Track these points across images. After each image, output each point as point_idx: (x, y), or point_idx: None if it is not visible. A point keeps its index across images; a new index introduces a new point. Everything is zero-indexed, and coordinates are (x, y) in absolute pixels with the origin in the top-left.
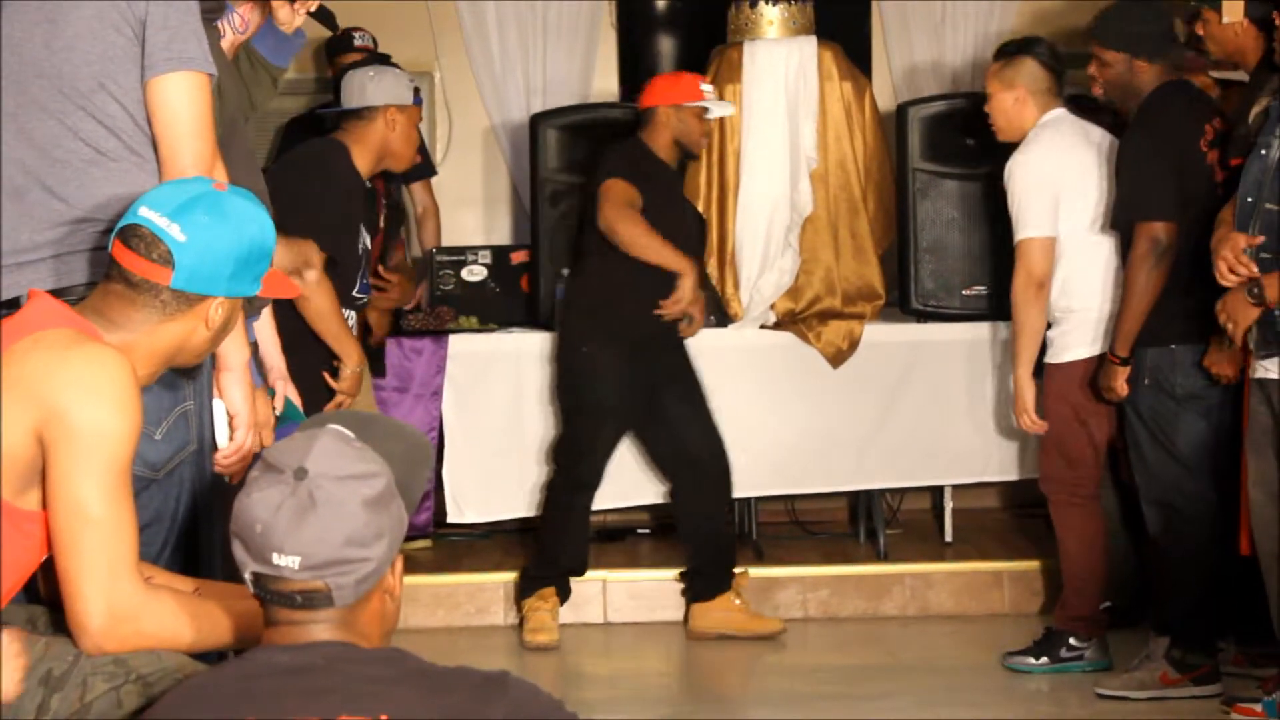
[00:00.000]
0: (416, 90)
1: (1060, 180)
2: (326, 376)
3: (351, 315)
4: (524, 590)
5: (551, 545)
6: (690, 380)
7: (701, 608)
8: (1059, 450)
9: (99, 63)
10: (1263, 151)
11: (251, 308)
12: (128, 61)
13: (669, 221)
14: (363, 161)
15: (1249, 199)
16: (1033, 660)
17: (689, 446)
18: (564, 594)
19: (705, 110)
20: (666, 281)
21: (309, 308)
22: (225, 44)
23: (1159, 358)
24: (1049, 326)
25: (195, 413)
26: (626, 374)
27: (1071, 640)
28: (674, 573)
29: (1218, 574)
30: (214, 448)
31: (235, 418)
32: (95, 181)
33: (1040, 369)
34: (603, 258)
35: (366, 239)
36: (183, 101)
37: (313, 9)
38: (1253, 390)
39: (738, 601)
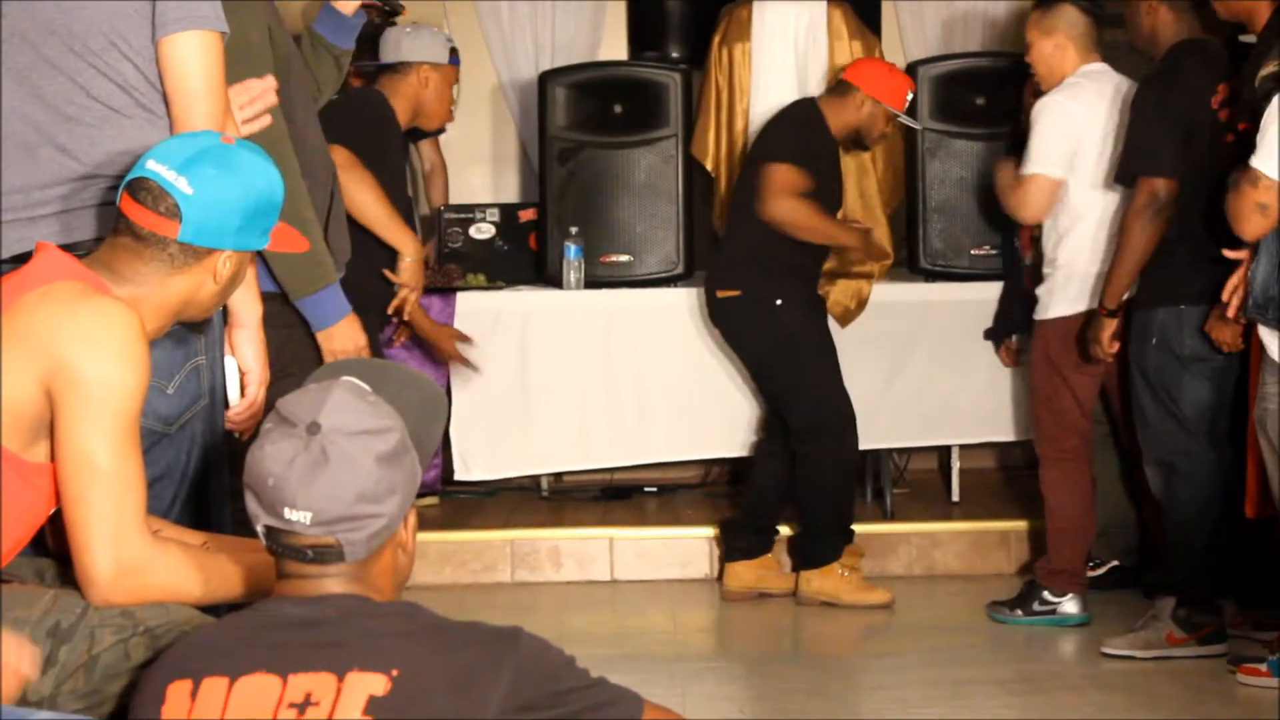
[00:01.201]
0: (454, 51)
1: (1084, 131)
2: (387, 272)
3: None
4: (825, 557)
5: (847, 507)
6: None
7: (736, 568)
8: (1046, 406)
9: (110, 20)
10: None
11: (339, 268)
12: (139, 19)
13: (826, 194)
14: (397, 115)
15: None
16: (1007, 611)
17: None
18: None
19: (896, 115)
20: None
21: (352, 203)
22: None
23: (1168, 317)
24: (1039, 283)
25: (207, 367)
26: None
27: (1045, 594)
28: (679, 531)
29: (1220, 534)
30: (226, 403)
31: (247, 374)
32: (108, 139)
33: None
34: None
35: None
36: (195, 60)
37: None
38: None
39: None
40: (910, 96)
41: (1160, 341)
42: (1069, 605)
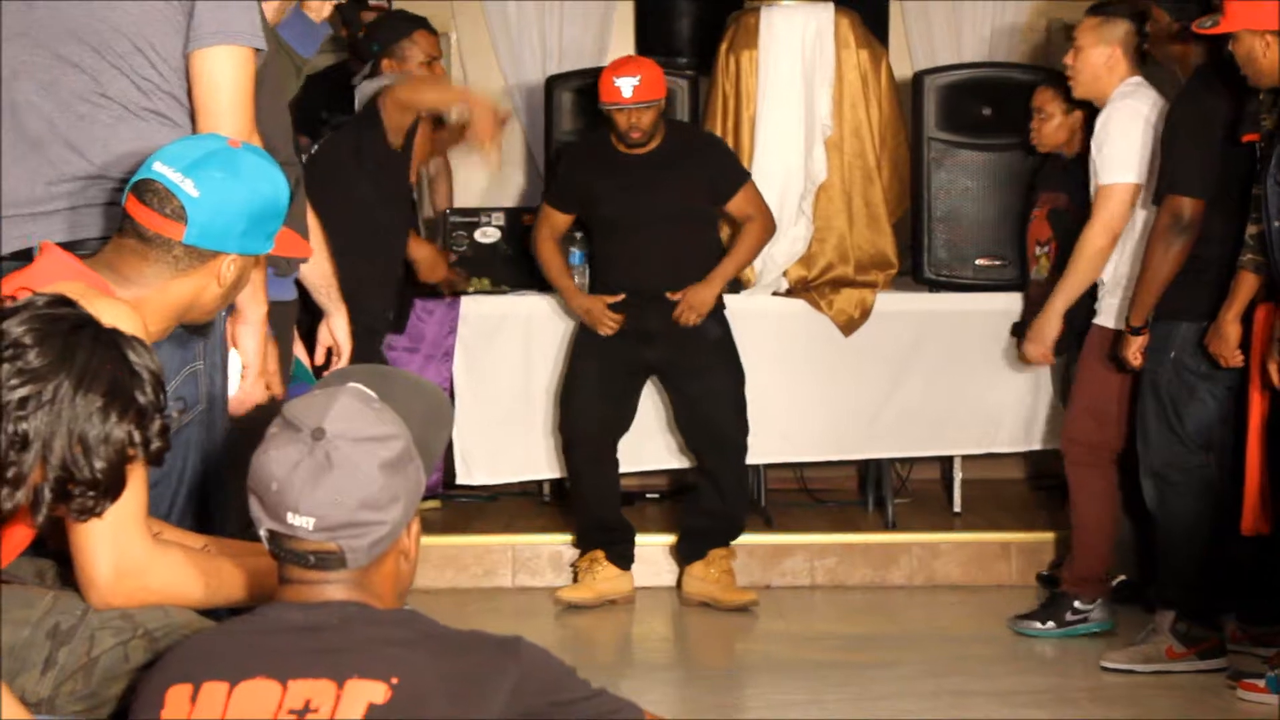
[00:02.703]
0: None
1: (1152, 139)
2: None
3: None
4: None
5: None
6: (711, 356)
7: (687, 569)
8: (1090, 411)
9: (136, 25)
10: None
11: (289, 266)
12: (168, 27)
13: (623, 206)
14: None
15: (1276, 224)
16: (1039, 624)
17: (699, 420)
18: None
19: (617, 106)
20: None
21: None
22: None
23: (1189, 333)
24: (1098, 288)
25: (205, 373)
26: (605, 341)
27: (1076, 603)
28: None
29: (1215, 547)
30: (226, 406)
31: (246, 368)
32: (120, 140)
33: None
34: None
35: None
36: (225, 75)
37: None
38: None
39: (712, 570)
40: (620, 82)
41: (1178, 356)
42: (1099, 612)
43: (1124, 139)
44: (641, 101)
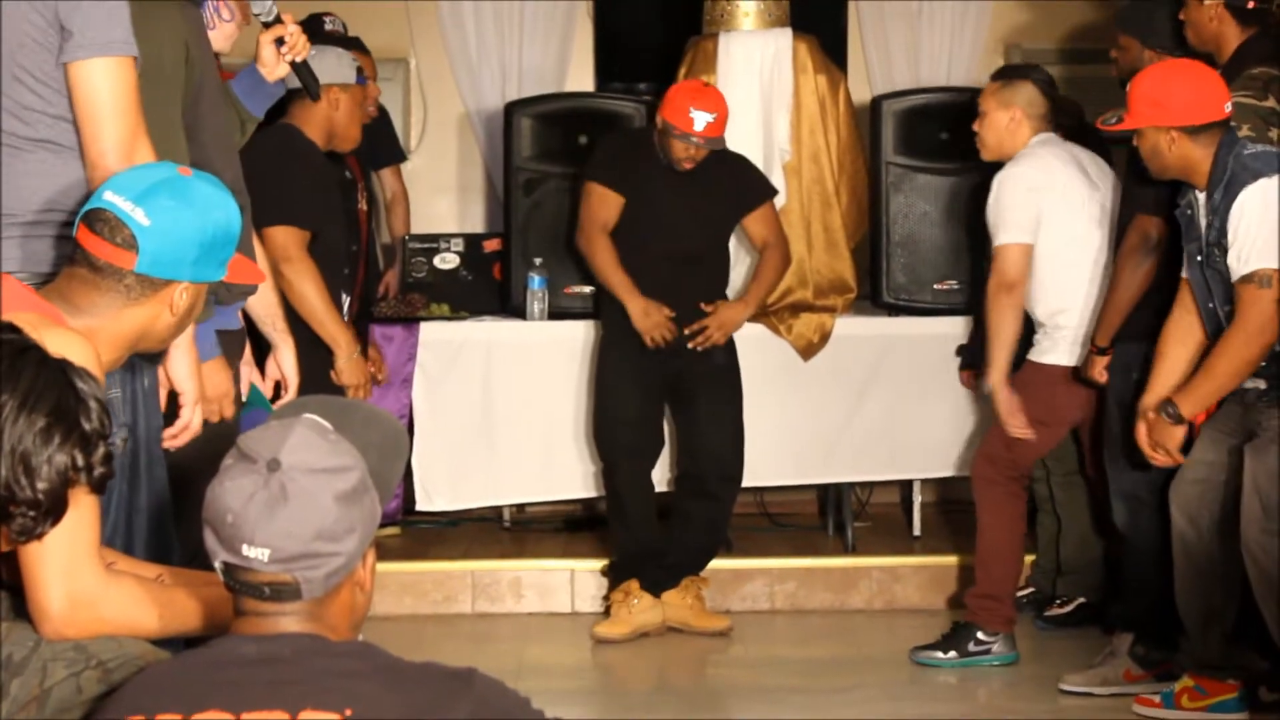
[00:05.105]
0: (360, 70)
1: (1046, 193)
2: (333, 375)
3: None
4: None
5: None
6: (718, 381)
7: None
8: (1004, 437)
9: (10, 53)
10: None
11: (231, 295)
12: (39, 48)
13: (647, 222)
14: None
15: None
16: (940, 654)
17: (700, 444)
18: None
19: (682, 135)
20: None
21: (291, 292)
22: (216, 34)
23: (1153, 353)
24: (1036, 329)
25: (126, 400)
26: (634, 355)
27: (979, 634)
28: None
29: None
30: (159, 432)
31: (181, 395)
32: (13, 175)
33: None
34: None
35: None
36: (103, 87)
37: (298, 59)
38: None
39: (687, 597)
40: (696, 114)
41: (1142, 378)
42: (1001, 645)
43: (1010, 200)
44: (710, 137)
